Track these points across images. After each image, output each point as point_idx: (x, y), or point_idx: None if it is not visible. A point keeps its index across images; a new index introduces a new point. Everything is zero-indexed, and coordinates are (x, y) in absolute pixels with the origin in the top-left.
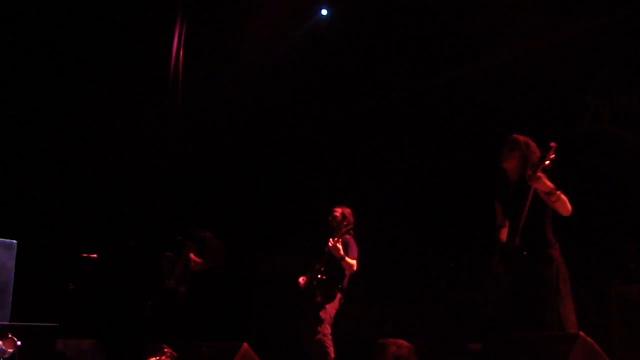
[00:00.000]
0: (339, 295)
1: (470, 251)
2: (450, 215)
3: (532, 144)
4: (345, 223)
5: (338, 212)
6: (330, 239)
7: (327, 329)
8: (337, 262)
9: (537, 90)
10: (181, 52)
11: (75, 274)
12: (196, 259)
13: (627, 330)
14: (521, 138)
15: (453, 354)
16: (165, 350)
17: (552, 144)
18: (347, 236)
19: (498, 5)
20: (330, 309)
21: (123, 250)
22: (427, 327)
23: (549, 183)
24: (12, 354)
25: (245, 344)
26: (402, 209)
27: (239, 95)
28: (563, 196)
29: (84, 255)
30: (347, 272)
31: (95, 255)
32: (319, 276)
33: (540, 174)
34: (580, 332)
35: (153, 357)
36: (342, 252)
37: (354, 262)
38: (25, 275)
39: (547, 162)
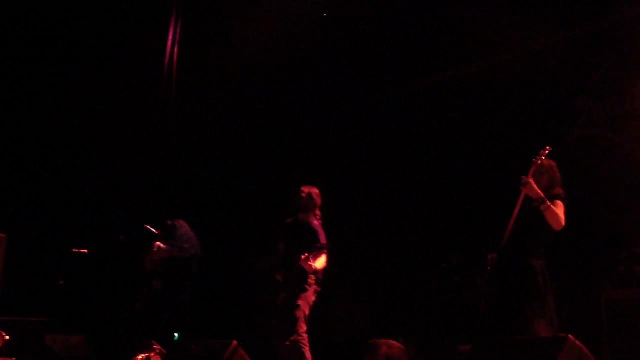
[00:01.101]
0: (313, 287)
1: (462, 252)
2: (443, 216)
3: (555, 166)
4: (313, 241)
5: (305, 192)
6: (303, 256)
7: (302, 328)
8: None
9: (530, 94)
10: (176, 48)
11: (66, 269)
12: (161, 245)
13: (616, 334)
14: (546, 162)
15: (443, 355)
16: (155, 347)
17: (548, 148)
18: (315, 222)
19: (493, 9)
20: (304, 306)
21: (114, 246)
22: (417, 328)
23: (538, 190)
24: (1, 348)
25: (234, 342)
26: (395, 209)
27: (232, 91)
28: (554, 208)
29: (75, 250)
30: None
31: (86, 251)
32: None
33: (530, 179)
34: (570, 335)
35: (142, 354)
36: (314, 267)
37: (322, 262)
38: (14, 270)
39: (539, 162)
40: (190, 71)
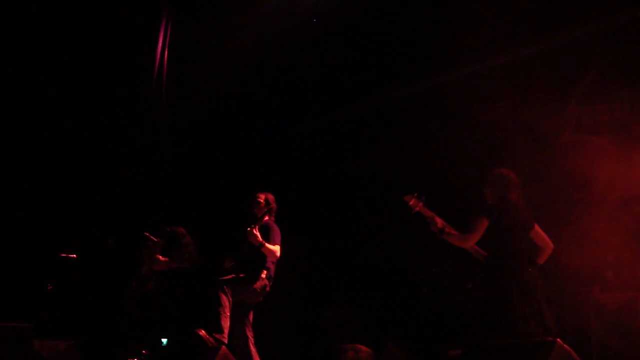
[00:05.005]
0: (264, 281)
1: (452, 257)
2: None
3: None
4: (265, 208)
5: (262, 198)
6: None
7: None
8: (258, 250)
9: (521, 99)
10: (166, 52)
11: (54, 274)
12: (161, 257)
13: (604, 338)
14: (502, 172)
15: None
16: (143, 352)
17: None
18: (268, 221)
19: (483, 14)
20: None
21: (102, 251)
22: (407, 333)
23: (259, 237)
24: None
25: (224, 347)
26: (385, 214)
27: (222, 95)
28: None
29: (63, 255)
30: (271, 259)
31: (75, 256)
32: (240, 264)
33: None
34: (558, 339)
35: (131, 359)
36: (260, 238)
37: (276, 248)
38: (1, 274)
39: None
40: (181, 75)
